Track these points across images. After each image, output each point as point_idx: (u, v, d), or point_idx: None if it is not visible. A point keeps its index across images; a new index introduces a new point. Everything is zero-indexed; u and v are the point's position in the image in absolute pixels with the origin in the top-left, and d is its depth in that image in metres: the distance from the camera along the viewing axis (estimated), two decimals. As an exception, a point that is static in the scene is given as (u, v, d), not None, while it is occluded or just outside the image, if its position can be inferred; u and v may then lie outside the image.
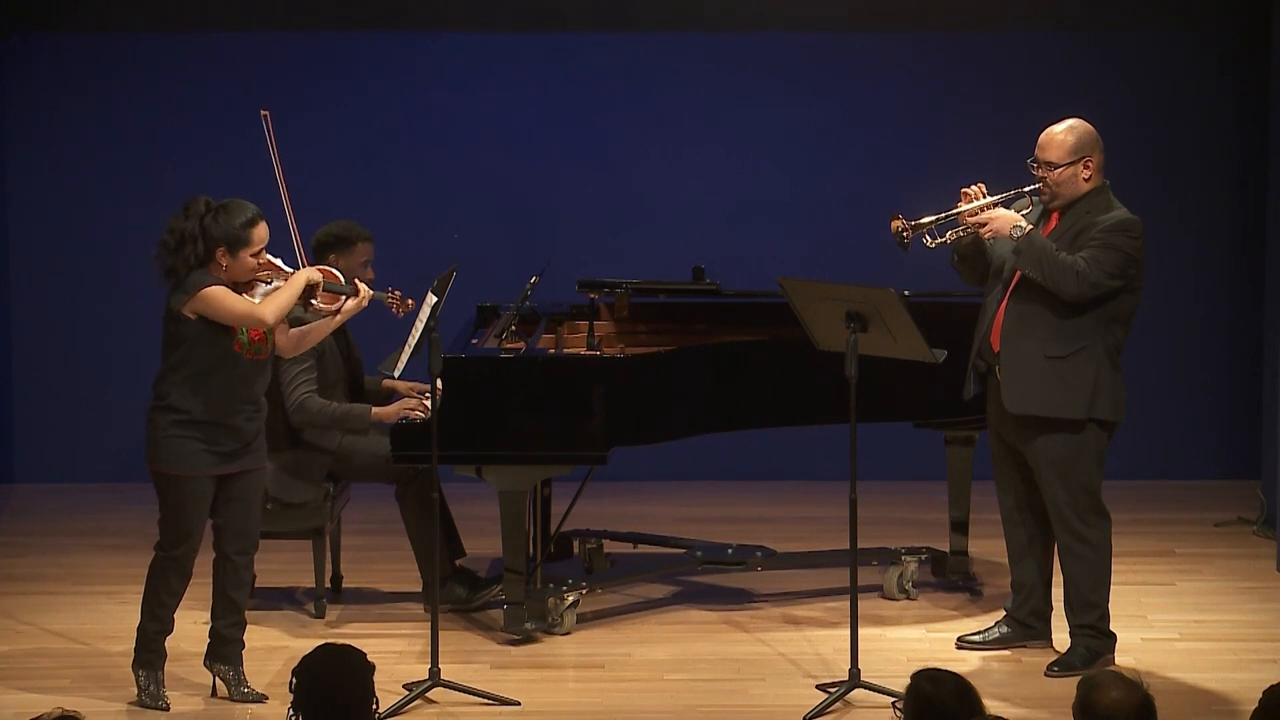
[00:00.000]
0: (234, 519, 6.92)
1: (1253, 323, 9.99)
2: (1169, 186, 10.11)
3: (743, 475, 10.14)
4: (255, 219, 6.81)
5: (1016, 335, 7.15)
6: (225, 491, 6.88)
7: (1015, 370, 7.14)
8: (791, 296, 7.11)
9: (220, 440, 6.79)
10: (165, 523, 6.87)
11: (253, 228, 6.79)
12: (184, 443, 6.77)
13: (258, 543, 7.06)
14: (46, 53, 10.11)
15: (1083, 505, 7.17)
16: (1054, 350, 7.09)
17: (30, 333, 10.24)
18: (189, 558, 6.88)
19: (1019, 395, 7.13)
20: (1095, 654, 7.23)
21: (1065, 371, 7.08)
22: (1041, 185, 7.18)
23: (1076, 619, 7.26)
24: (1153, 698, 4.49)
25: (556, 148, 10.21)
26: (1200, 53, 10.12)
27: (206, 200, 6.80)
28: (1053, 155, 7.14)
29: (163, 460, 6.79)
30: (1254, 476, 9.66)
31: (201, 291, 6.71)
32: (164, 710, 6.89)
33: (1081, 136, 7.15)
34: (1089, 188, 7.16)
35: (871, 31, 10.17)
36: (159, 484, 6.84)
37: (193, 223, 6.75)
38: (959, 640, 7.51)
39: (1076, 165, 7.14)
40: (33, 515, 9.73)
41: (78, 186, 10.14)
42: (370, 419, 7.76)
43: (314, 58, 10.16)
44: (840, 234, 10.13)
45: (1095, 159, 7.15)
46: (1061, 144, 7.14)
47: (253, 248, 6.79)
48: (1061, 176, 7.14)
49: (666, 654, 7.48)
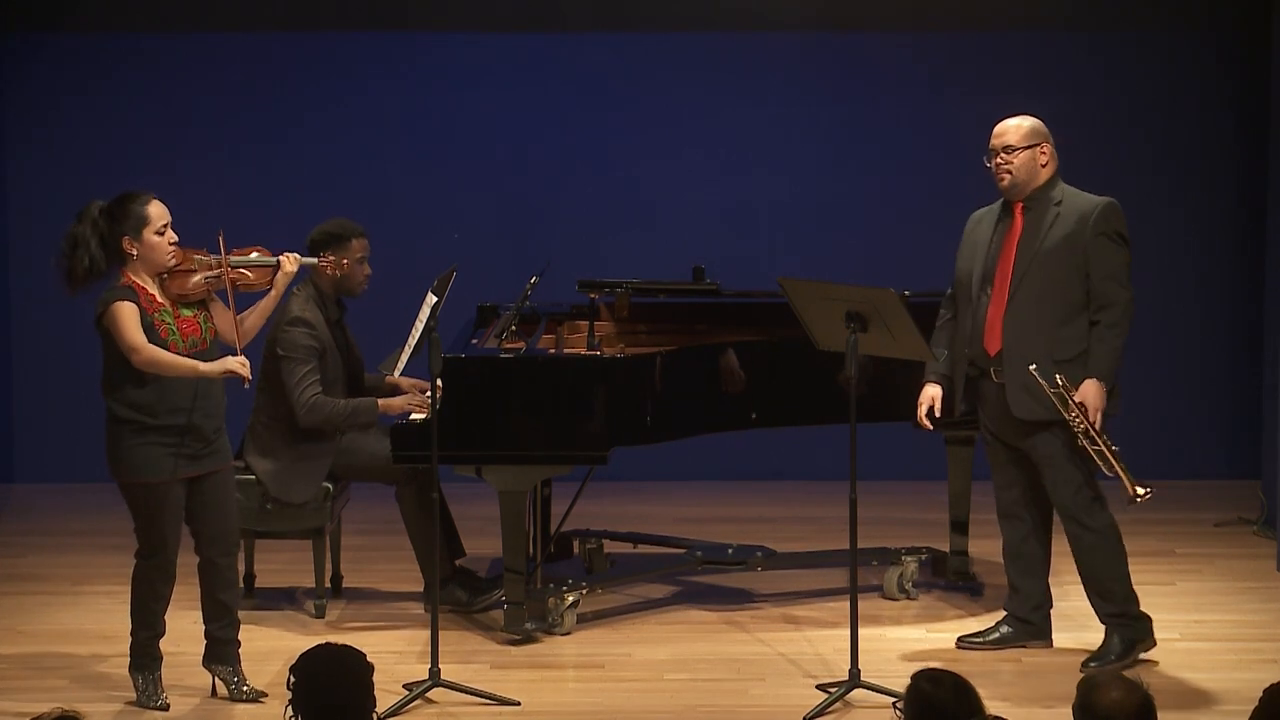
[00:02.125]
0: (210, 522, 6.88)
1: (1253, 323, 10.00)
2: (1169, 187, 10.12)
3: (743, 475, 10.14)
4: (147, 198, 6.77)
5: (1020, 344, 7.13)
6: (196, 495, 6.84)
7: (1021, 377, 7.11)
8: (791, 296, 7.11)
9: (180, 441, 6.74)
10: (142, 532, 6.84)
11: (147, 206, 6.75)
12: (145, 450, 6.73)
13: (239, 542, 7.05)
14: (46, 53, 10.12)
15: (1086, 495, 7.17)
16: (1062, 354, 7.09)
17: (30, 333, 10.24)
18: (170, 562, 6.85)
19: (1028, 402, 7.11)
20: (1131, 643, 7.23)
21: (1075, 372, 7.08)
22: (999, 174, 7.21)
23: (1104, 609, 7.25)
24: (1153, 698, 4.49)
25: (556, 148, 10.21)
26: (1200, 53, 10.12)
27: (99, 203, 6.78)
28: (1011, 139, 7.20)
29: (128, 471, 6.76)
30: (1254, 476, 9.66)
31: (111, 306, 6.70)
32: (163, 710, 6.89)
33: (1036, 125, 7.25)
34: (1046, 175, 7.21)
35: (871, 31, 10.17)
36: (129, 495, 6.80)
37: (84, 226, 6.74)
38: (959, 640, 7.51)
39: (1034, 150, 7.19)
40: (33, 515, 9.73)
41: (78, 186, 10.12)
42: (377, 411, 7.75)
43: (314, 58, 10.17)
44: (840, 234, 10.14)
45: (1050, 147, 7.24)
46: (1018, 129, 7.22)
47: (154, 224, 6.73)
48: (1021, 159, 7.17)
49: (666, 654, 7.48)
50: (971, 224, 7.42)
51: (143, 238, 6.73)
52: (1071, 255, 7.11)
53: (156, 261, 6.76)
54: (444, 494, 7.52)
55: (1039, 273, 7.14)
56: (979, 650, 7.45)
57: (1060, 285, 7.12)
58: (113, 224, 6.73)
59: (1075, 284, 7.12)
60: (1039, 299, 7.12)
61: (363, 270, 7.88)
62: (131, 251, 6.74)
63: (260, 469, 7.80)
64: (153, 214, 6.75)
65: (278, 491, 7.77)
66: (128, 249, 6.73)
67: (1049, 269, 7.13)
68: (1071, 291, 7.12)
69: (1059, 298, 7.11)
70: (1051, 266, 7.13)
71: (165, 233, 6.76)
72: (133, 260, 6.75)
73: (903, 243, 10.07)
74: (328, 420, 7.74)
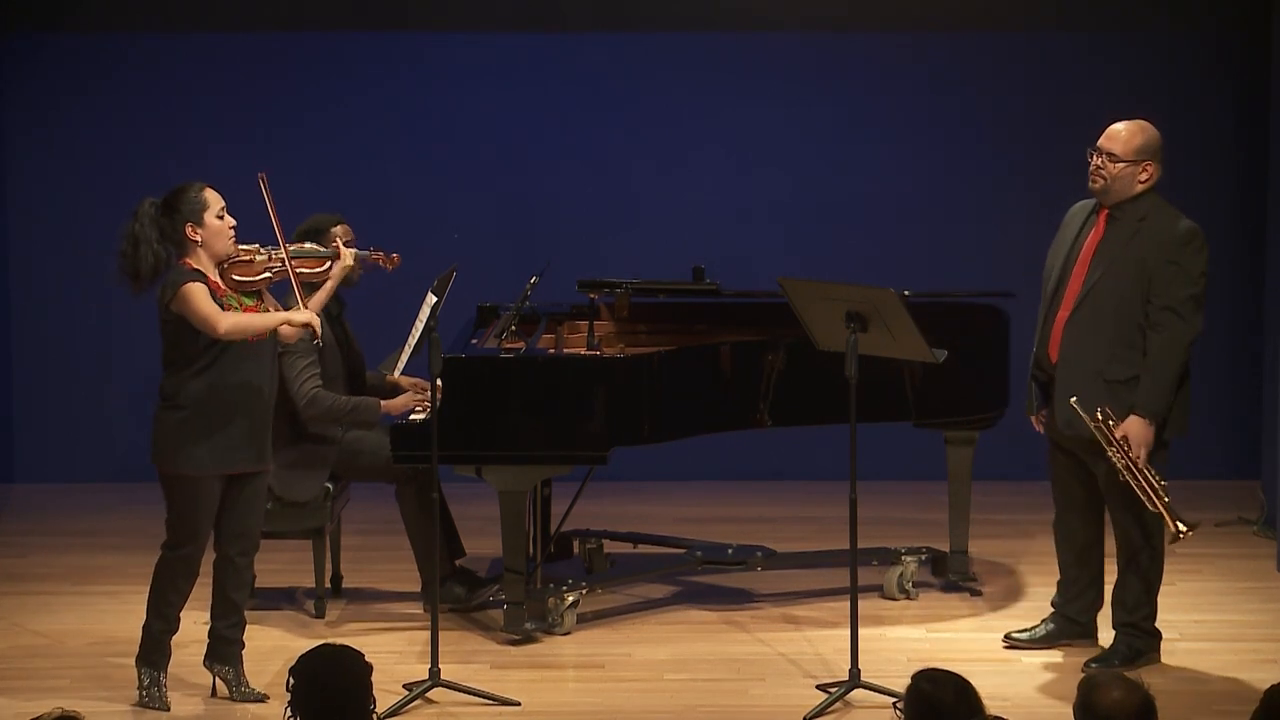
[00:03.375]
0: (237, 520, 6.91)
1: (1253, 323, 9.99)
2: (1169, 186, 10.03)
3: (743, 475, 10.14)
4: (202, 186, 6.84)
5: (1075, 355, 7.06)
6: (232, 493, 6.87)
7: (1072, 390, 7.03)
8: (791, 296, 7.10)
9: (228, 438, 6.78)
10: (173, 523, 6.86)
11: (203, 192, 6.82)
12: (193, 442, 6.77)
13: (259, 543, 7.06)
14: (46, 53, 10.12)
15: (1147, 521, 7.10)
16: (1114, 374, 7.02)
17: (30, 333, 10.24)
18: (196, 557, 6.88)
19: (1074, 418, 7.02)
20: (1137, 652, 7.21)
21: (1124, 395, 7.00)
22: (1093, 175, 7.11)
23: (1123, 616, 7.23)
24: (1153, 698, 4.49)
25: (556, 148, 10.21)
26: (1200, 53, 10.12)
27: (151, 199, 6.83)
28: (1118, 149, 7.07)
29: (173, 462, 6.79)
30: (1254, 476, 9.66)
31: (182, 288, 6.72)
32: (165, 711, 6.89)
33: (1150, 140, 7.09)
34: (1141, 189, 7.10)
35: (871, 31, 10.17)
36: (168, 485, 6.83)
37: (142, 223, 6.78)
38: (1005, 638, 7.47)
39: (1137, 166, 7.08)
40: (33, 515, 9.73)
41: (78, 186, 10.14)
42: (379, 411, 7.76)
43: (314, 58, 10.16)
44: (840, 234, 10.13)
45: (1155, 167, 7.09)
46: (1129, 140, 7.09)
47: (212, 208, 6.80)
48: (1120, 172, 7.06)
49: (666, 654, 7.48)
50: (1068, 218, 7.29)
51: (205, 222, 6.79)
52: (1141, 275, 6.99)
53: (220, 247, 6.83)
54: (444, 494, 7.52)
55: (1107, 287, 7.02)
56: (1025, 649, 7.41)
57: (1126, 303, 7.00)
58: (173, 215, 6.79)
59: (1139, 305, 6.99)
60: (1102, 313, 7.02)
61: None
62: (195, 238, 6.79)
63: (263, 467, 7.80)
64: (210, 199, 6.82)
65: (280, 489, 7.77)
66: (191, 236, 6.78)
67: (1118, 284, 7.01)
68: (1135, 312, 6.99)
69: (1122, 315, 7.01)
70: (1121, 282, 7.01)
71: (224, 216, 6.84)
72: (195, 248, 6.80)
73: (903, 242, 10.07)
74: (328, 413, 7.73)
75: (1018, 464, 9.30)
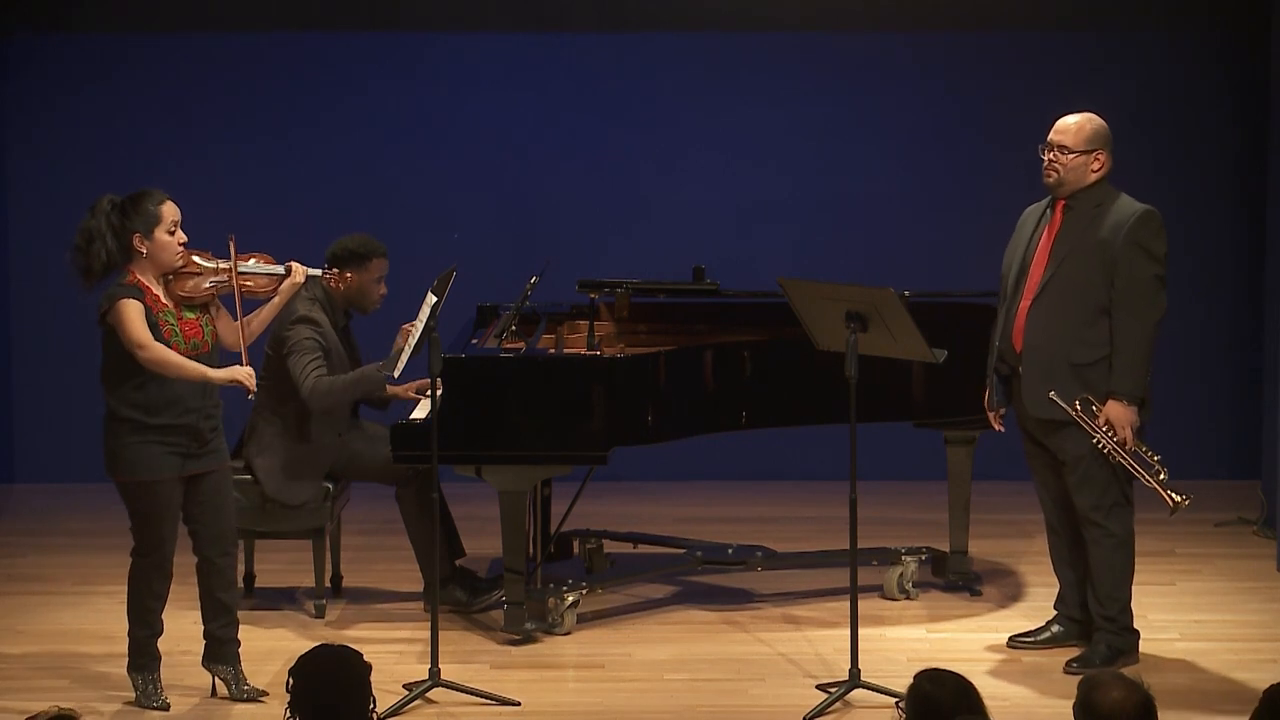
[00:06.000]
0: (208, 522, 6.89)
1: (1253, 323, 9.99)
2: (1169, 186, 10.10)
3: (743, 475, 10.14)
4: (162, 198, 6.79)
5: (1040, 340, 7.13)
6: (194, 495, 6.85)
7: (1039, 376, 7.12)
8: (791, 296, 7.10)
9: (178, 440, 6.75)
10: (138, 530, 6.84)
11: (161, 206, 6.76)
12: (143, 448, 6.74)
13: (237, 541, 7.05)
14: (46, 53, 10.12)
15: (1110, 499, 7.15)
16: (1080, 357, 7.08)
17: (30, 333, 10.24)
18: (167, 560, 6.86)
19: (1044, 400, 7.11)
20: (1116, 652, 7.21)
21: (1091, 378, 7.07)
22: (1046, 170, 7.17)
23: (1102, 610, 7.23)
24: (1153, 698, 4.49)
25: (556, 148, 10.21)
26: (1200, 53, 10.12)
27: (110, 197, 6.80)
28: (1069, 140, 7.15)
29: (125, 469, 6.77)
30: (1254, 476, 9.66)
31: (117, 303, 6.70)
32: (163, 710, 6.89)
33: (1099, 130, 7.18)
34: (1095, 179, 7.17)
35: (871, 31, 10.17)
36: (126, 493, 6.81)
37: (98, 220, 6.75)
38: (1010, 640, 7.47)
39: (1089, 156, 7.15)
40: (33, 515, 9.73)
41: (78, 186, 10.13)
42: (381, 376, 7.63)
43: (314, 58, 10.16)
44: (840, 234, 10.14)
45: (1106, 155, 7.18)
46: (1079, 132, 7.16)
47: (165, 223, 6.75)
48: (1073, 163, 7.14)
49: (666, 654, 7.48)
50: (1023, 218, 7.37)
51: (153, 236, 6.75)
52: (1104, 257, 7.06)
53: (164, 261, 6.77)
54: (444, 494, 7.52)
55: (1068, 272, 7.10)
56: (1030, 650, 7.42)
57: (1087, 287, 7.07)
58: (124, 219, 6.74)
59: (1102, 288, 7.06)
60: (1064, 298, 7.09)
61: (378, 290, 7.89)
62: (141, 249, 6.75)
63: (261, 468, 7.80)
64: (165, 213, 6.77)
65: (277, 491, 7.77)
66: (137, 246, 6.75)
67: (1079, 270, 7.08)
68: (1098, 295, 7.07)
69: (1084, 299, 7.07)
70: (1081, 267, 7.08)
71: (175, 232, 6.78)
72: (140, 259, 6.76)
73: (902, 242, 10.07)
74: (332, 393, 7.69)
75: (1018, 464, 9.26)
